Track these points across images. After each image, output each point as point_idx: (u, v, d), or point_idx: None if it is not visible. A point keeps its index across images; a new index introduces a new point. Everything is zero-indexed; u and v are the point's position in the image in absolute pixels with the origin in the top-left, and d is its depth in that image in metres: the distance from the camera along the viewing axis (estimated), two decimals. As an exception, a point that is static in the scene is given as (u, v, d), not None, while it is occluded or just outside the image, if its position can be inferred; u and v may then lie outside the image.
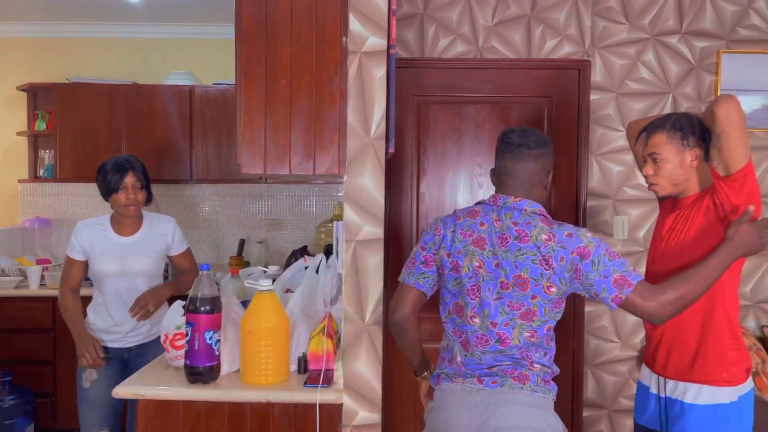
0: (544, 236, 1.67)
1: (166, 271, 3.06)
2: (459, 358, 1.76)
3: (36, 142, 4.31)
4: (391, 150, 2.06)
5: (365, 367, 1.90)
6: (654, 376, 2.00)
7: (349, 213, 1.88)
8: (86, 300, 2.68)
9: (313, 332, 2.03)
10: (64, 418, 3.70)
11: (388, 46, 2.00)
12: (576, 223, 3.22)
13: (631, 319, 3.23)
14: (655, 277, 1.95)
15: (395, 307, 1.83)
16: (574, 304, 3.24)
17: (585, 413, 3.27)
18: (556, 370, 1.75)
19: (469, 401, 1.69)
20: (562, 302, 1.73)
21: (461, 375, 1.74)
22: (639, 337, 3.24)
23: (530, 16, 3.22)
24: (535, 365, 1.70)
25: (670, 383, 1.94)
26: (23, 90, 4.23)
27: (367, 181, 1.87)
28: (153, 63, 4.30)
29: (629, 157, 3.19)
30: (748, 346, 2.87)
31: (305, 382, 1.92)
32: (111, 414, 2.57)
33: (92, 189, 4.32)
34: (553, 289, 1.67)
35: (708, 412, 1.85)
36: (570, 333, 3.21)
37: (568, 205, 3.23)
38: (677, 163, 1.91)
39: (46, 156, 4.21)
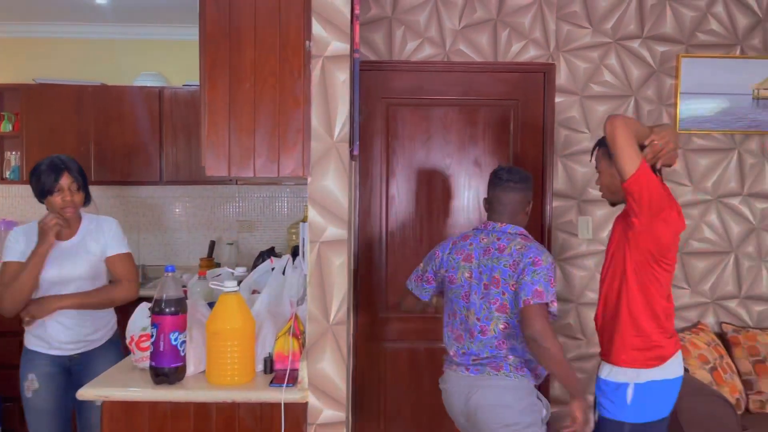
0: (518, 247, 2.14)
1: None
2: (452, 351, 2.24)
3: (2, 143, 4.25)
4: (355, 152, 2.09)
5: (330, 366, 1.93)
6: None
7: (313, 214, 1.91)
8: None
9: (279, 333, 2.05)
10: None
11: (352, 50, 2.04)
12: (542, 223, 3.28)
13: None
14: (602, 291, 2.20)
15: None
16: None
17: (553, 409, 3.32)
18: (527, 356, 2.12)
19: (459, 385, 2.20)
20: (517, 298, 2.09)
21: (455, 364, 2.22)
22: (603, 335, 3.32)
23: (496, 20, 3.27)
24: (509, 357, 2.13)
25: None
26: (-11, 91, 4.18)
27: (331, 183, 1.90)
28: (122, 64, 4.28)
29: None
30: (706, 342, 2.97)
31: (270, 382, 1.94)
32: (59, 423, 2.49)
33: (60, 191, 4.30)
34: (513, 287, 2.10)
35: (604, 384, 2.13)
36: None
37: (534, 205, 3.28)
38: (609, 174, 2.17)
39: (13, 158, 4.17)
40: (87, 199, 2.54)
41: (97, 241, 2.52)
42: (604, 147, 2.16)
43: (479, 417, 2.12)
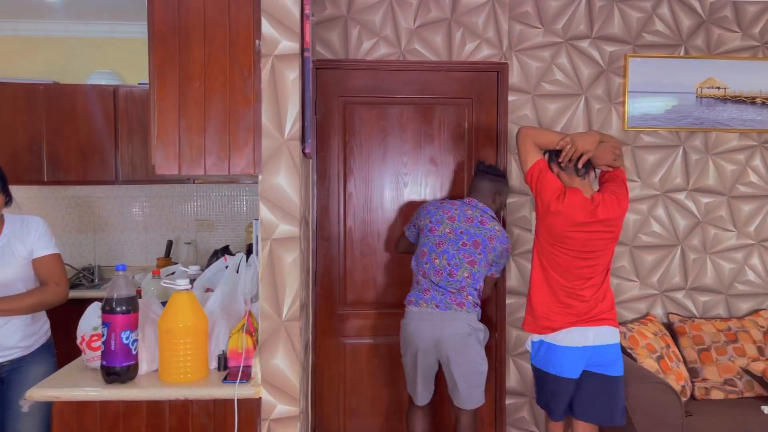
0: (497, 228, 2.82)
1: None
2: (424, 285, 2.79)
3: (-49, 142, 4.15)
4: (308, 150, 2.11)
5: (282, 362, 1.95)
6: None
7: (264, 212, 1.92)
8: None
9: (233, 330, 2.06)
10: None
11: (302, 50, 2.06)
12: (498, 218, 3.35)
13: (549, 310, 3.39)
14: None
15: (398, 245, 3.14)
16: (496, 297, 3.38)
17: (508, 401, 3.41)
18: (478, 302, 2.80)
19: (430, 318, 2.73)
20: (489, 267, 2.81)
21: (425, 301, 2.76)
22: (557, 327, 3.40)
23: (450, 20, 3.33)
24: (469, 297, 2.75)
25: None
26: (-64, 89, 4.07)
27: (282, 181, 1.92)
28: (75, 62, 4.21)
29: (545, 156, 3.34)
30: (654, 332, 3.08)
31: (224, 379, 1.95)
32: None
33: (15, 191, 4.20)
34: (490, 255, 2.79)
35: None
36: (492, 325, 3.33)
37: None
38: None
39: (-38, 157, 4.06)
40: (8, 200, 2.43)
41: (24, 242, 2.38)
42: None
43: (451, 343, 2.71)
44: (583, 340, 2.44)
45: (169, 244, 4.11)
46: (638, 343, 3.09)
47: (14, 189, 4.13)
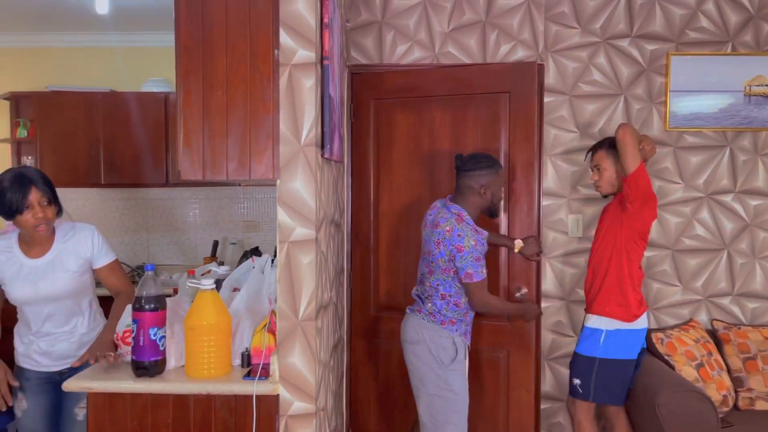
0: (448, 228, 2.50)
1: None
2: (413, 292, 2.75)
3: (19, 148, 4.44)
4: (326, 155, 2.17)
5: (299, 361, 2.01)
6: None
7: (282, 215, 1.99)
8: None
9: (257, 328, 2.14)
10: None
11: (322, 58, 2.13)
12: (530, 222, 3.31)
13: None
14: (590, 256, 2.86)
15: None
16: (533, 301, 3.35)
17: (543, 405, 3.38)
18: (448, 315, 2.58)
19: (404, 319, 2.71)
20: (449, 271, 2.53)
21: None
22: (594, 332, 3.35)
23: (485, 22, 3.33)
24: (428, 305, 2.60)
25: (585, 315, 2.85)
26: (6, 98, 4.37)
27: (299, 185, 1.99)
28: (130, 70, 4.43)
29: (582, 157, 3.29)
30: (695, 338, 3.00)
31: (244, 375, 2.04)
32: None
33: (73, 193, 4.50)
34: (439, 261, 2.53)
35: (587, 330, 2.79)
36: (529, 329, 3.26)
37: (522, 204, 3.32)
38: (613, 171, 2.76)
39: (28, 162, 4.35)
40: (59, 211, 2.33)
41: (77, 255, 2.35)
42: (606, 148, 2.76)
43: (404, 346, 2.67)
44: (647, 321, 2.78)
45: (215, 244, 4.27)
46: (676, 350, 3.01)
47: (75, 191, 4.42)
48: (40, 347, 2.38)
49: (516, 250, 2.87)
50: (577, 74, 3.33)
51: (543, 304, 3.34)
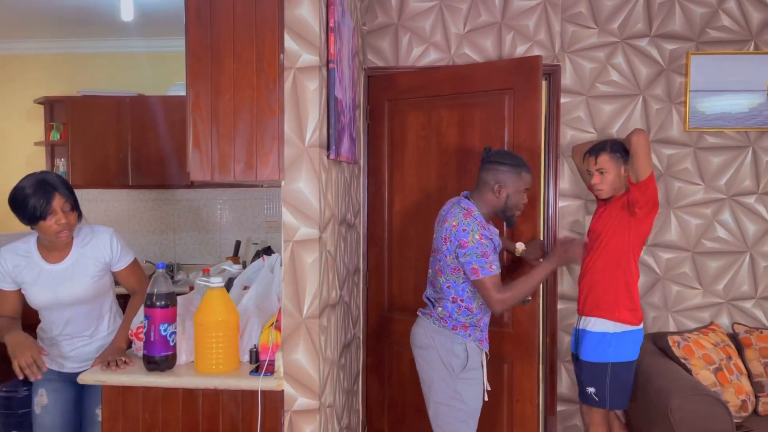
0: (454, 223, 2.38)
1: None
2: (424, 294, 2.64)
3: (52, 151, 4.61)
4: (332, 156, 2.22)
5: (303, 357, 2.06)
6: (577, 316, 2.87)
7: (286, 215, 2.04)
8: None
9: (265, 325, 2.20)
10: None
11: (328, 61, 2.17)
12: (546, 222, 3.31)
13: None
14: (586, 256, 2.80)
15: None
16: (548, 303, 3.34)
17: (559, 407, 3.36)
18: (460, 319, 2.44)
19: (415, 322, 2.62)
20: (458, 271, 2.40)
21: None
22: (611, 334, 3.32)
23: (501, 23, 3.33)
24: (438, 308, 2.49)
25: (582, 318, 2.81)
26: (40, 103, 4.54)
27: (303, 186, 2.04)
28: (156, 75, 4.56)
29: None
30: (714, 342, 2.95)
31: (251, 371, 2.09)
32: None
33: (102, 194, 4.64)
34: (447, 258, 2.40)
35: (591, 336, 2.76)
36: (533, 338, 3.20)
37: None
38: (616, 174, 2.75)
39: (61, 164, 4.51)
40: (79, 216, 2.33)
41: (96, 259, 2.35)
42: (609, 152, 2.73)
43: (414, 350, 2.59)
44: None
45: (237, 244, 4.35)
46: (693, 354, 2.97)
47: (104, 193, 4.56)
48: (61, 351, 2.39)
49: (517, 254, 2.78)
50: (595, 75, 3.31)
51: (559, 306, 3.33)
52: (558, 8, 3.30)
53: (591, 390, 2.75)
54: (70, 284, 2.31)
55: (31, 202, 2.16)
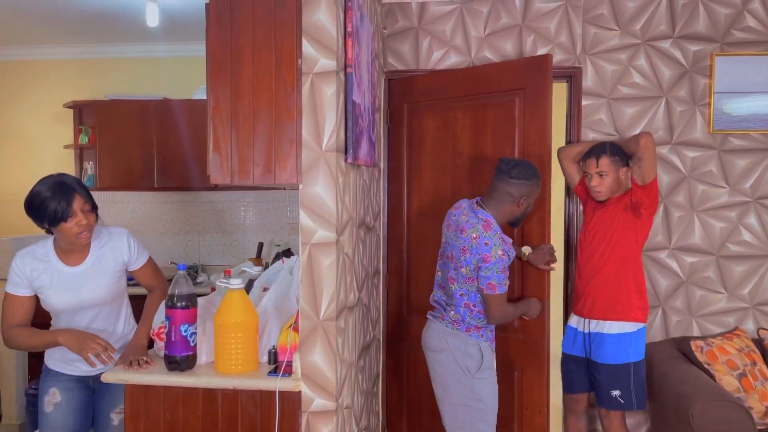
0: (474, 235, 2.42)
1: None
2: (431, 297, 2.69)
3: (81, 154, 4.71)
4: (350, 160, 2.23)
5: (320, 359, 2.08)
6: (581, 319, 2.88)
7: (304, 218, 2.07)
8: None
9: (284, 327, 2.23)
10: None
11: (346, 66, 2.19)
12: (567, 223, 3.30)
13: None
14: (585, 258, 2.87)
15: None
16: (565, 300, 3.32)
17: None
18: (472, 322, 2.51)
19: (425, 325, 2.69)
20: (473, 280, 2.45)
21: (429, 310, 2.71)
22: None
23: (522, 26, 3.32)
24: (450, 312, 2.54)
25: (593, 322, 2.82)
26: (69, 107, 4.64)
27: (320, 189, 2.06)
28: (181, 79, 4.63)
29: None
30: (738, 347, 2.91)
31: (269, 372, 2.12)
32: None
33: (129, 197, 4.73)
34: (463, 269, 2.46)
35: (610, 338, 2.77)
36: (542, 346, 2.97)
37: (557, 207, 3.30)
38: (614, 177, 2.78)
39: (89, 167, 4.61)
40: (96, 217, 2.31)
41: (115, 260, 2.37)
42: (610, 155, 2.75)
43: (427, 353, 2.64)
44: None
45: (260, 245, 4.40)
46: (717, 359, 2.92)
47: (130, 195, 4.65)
48: (73, 356, 2.29)
49: (524, 258, 2.79)
50: (616, 77, 3.28)
51: (580, 310, 3.30)
52: (579, 10, 3.29)
53: (616, 393, 2.75)
54: (92, 286, 2.31)
55: (51, 205, 2.14)
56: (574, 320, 2.92)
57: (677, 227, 3.28)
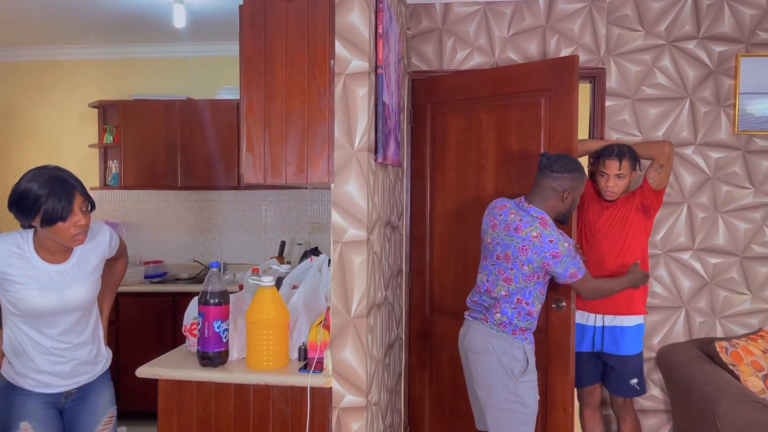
0: (534, 234, 2.41)
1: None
2: (473, 297, 2.65)
3: (105, 153, 4.77)
4: (379, 159, 2.26)
5: (351, 356, 2.11)
6: (590, 315, 3.01)
7: (335, 217, 2.10)
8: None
9: (313, 324, 2.26)
10: None
11: (376, 66, 2.22)
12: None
13: (649, 321, 3.28)
14: (598, 258, 2.97)
15: None
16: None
17: (603, 412, 3.34)
18: (519, 324, 2.49)
19: (463, 325, 2.67)
20: (534, 277, 2.46)
21: (468, 308, 2.67)
22: (656, 339, 3.29)
23: (545, 26, 3.34)
24: (497, 315, 2.50)
25: (608, 317, 2.97)
26: (94, 107, 4.70)
27: (352, 189, 2.09)
28: (205, 79, 4.68)
29: (646, 161, 3.25)
30: (763, 349, 2.91)
31: (300, 368, 2.15)
32: None
33: (152, 195, 4.79)
34: (525, 268, 2.44)
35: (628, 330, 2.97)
36: (566, 344, 2.96)
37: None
38: (629, 180, 2.94)
39: (113, 166, 4.67)
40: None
41: (97, 256, 2.16)
42: (629, 159, 2.89)
43: (469, 355, 2.58)
44: None
45: (282, 244, 4.44)
46: (742, 360, 2.92)
47: (153, 194, 4.71)
48: (48, 367, 2.07)
49: None
50: (640, 77, 3.29)
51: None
52: (603, 11, 3.29)
53: (634, 381, 2.97)
54: (77, 285, 2.07)
55: (50, 202, 1.90)
56: (583, 317, 3.03)
57: (701, 228, 3.28)
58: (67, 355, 2.10)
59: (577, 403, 3.01)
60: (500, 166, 3.07)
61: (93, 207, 2.04)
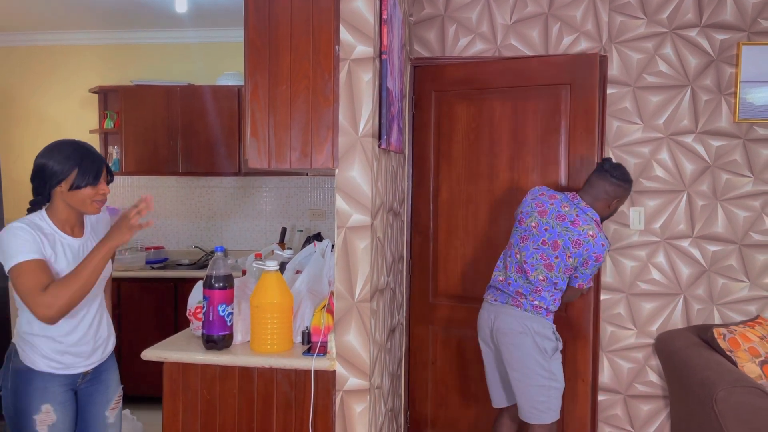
0: (591, 233, 2.55)
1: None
2: (498, 275, 2.75)
3: (106, 139, 4.78)
4: (383, 145, 2.28)
5: (355, 339, 2.14)
6: None
7: (340, 202, 2.12)
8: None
9: (316, 308, 2.28)
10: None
11: (380, 52, 2.23)
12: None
13: (647, 308, 3.31)
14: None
15: None
16: (592, 293, 3.35)
17: (601, 397, 3.38)
18: (551, 308, 2.63)
19: (489, 309, 2.72)
20: (572, 269, 2.59)
21: (492, 294, 2.74)
22: (655, 325, 3.32)
23: (548, 13, 3.34)
24: (534, 301, 2.61)
25: None
26: (95, 92, 4.71)
27: (356, 174, 2.10)
28: (206, 65, 4.68)
29: (646, 149, 3.27)
30: (760, 335, 2.93)
31: (304, 351, 2.18)
32: None
33: (153, 181, 4.79)
34: (571, 260, 2.57)
35: None
36: (587, 319, 3.26)
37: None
38: None
39: (114, 151, 4.67)
40: None
41: (103, 227, 2.23)
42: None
43: (502, 338, 2.65)
44: None
45: (283, 230, 4.46)
46: (739, 346, 2.96)
47: (155, 179, 4.72)
48: (73, 346, 2.10)
49: None
50: (642, 65, 3.29)
51: (602, 296, 3.34)
52: (606, -2, 3.30)
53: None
54: None
55: (83, 163, 1.98)
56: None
57: (700, 216, 3.30)
58: (90, 333, 2.15)
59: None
60: (516, 155, 3.21)
61: (112, 179, 2.14)
